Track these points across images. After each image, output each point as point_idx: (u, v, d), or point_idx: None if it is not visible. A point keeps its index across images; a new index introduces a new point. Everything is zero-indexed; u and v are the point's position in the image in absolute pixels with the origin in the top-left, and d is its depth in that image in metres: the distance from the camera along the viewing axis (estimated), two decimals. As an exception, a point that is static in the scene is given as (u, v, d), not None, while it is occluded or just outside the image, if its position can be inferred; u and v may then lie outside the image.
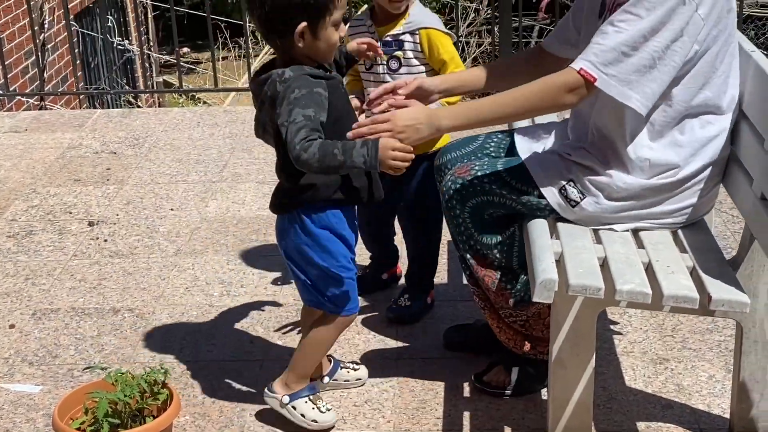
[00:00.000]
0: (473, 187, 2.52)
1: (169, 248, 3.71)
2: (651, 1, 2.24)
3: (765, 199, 2.24)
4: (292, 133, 2.25)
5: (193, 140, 4.80)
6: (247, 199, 4.11)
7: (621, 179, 2.41)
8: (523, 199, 2.50)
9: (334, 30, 2.34)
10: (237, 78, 10.20)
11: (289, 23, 2.29)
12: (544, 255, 2.34)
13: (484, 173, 2.52)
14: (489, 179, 2.52)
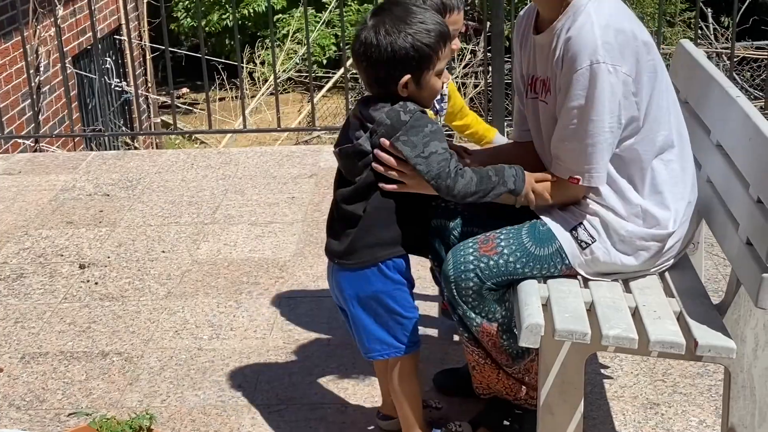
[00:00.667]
0: (498, 268, 2.42)
1: (160, 291, 3.70)
2: (581, 84, 2.26)
3: (750, 244, 2.24)
4: (441, 164, 2.30)
5: (187, 182, 4.81)
6: (239, 241, 4.10)
7: (623, 227, 2.40)
8: (545, 268, 2.45)
9: (437, 79, 2.36)
10: (234, 119, 10.23)
11: (393, 76, 2.31)
12: (530, 300, 2.33)
13: (511, 251, 2.43)
14: (516, 258, 2.43)
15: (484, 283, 2.42)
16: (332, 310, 3.47)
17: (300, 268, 3.83)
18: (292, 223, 4.25)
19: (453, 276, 2.43)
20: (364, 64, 2.33)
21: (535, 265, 2.43)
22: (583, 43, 2.26)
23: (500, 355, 2.54)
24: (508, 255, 2.42)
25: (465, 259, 2.43)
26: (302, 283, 3.71)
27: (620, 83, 2.27)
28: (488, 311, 2.46)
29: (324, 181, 4.71)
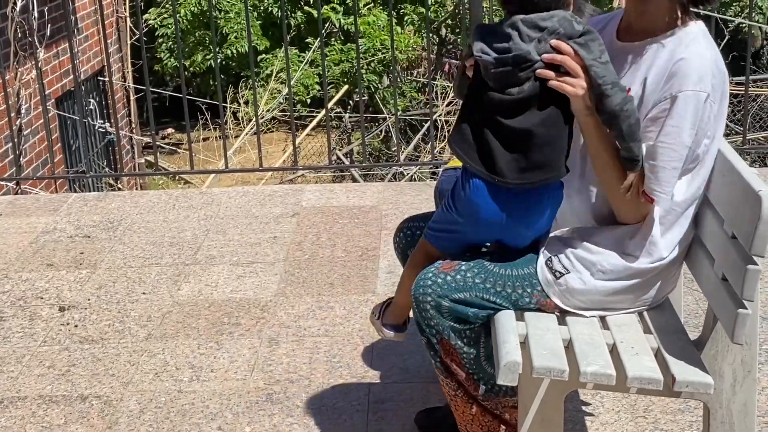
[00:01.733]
0: (456, 282, 2.45)
1: (140, 333, 3.68)
2: (683, 108, 2.29)
3: (726, 280, 2.25)
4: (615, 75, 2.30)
5: (168, 222, 4.80)
6: (220, 282, 4.09)
7: (607, 260, 2.41)
8: (509, 286, 2.45)
9: None
10: (218, 159, 10.23)
11: None
12: (508, 337, 2.33)
13: (469, 266, 2.46)
14: (474, 273, 2.46)
15: (442, 300, 2.44)
16: (313, 350, 3.47)
17: (281, 308, 3.82)
18: (273, 263, 4.25)
19: (413, 294, 2.48)
20: None
21: (497, 282, 2.44)
22: (697, 68, 2.29)
23: (469, 383, 2.54)
24: (466, 270, 2.45)
25: (425, 275, 2.48)
26: (284, 323, 3.70)
27: (712, 119, 2.32)
28: (448, 329, 2.47)
29: (306, 221, 4.71)
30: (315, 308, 3.81)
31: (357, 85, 11.70)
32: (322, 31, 5.72)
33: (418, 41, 12.45)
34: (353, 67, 11.46)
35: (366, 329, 3.59)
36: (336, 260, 4.25)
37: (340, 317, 3.72)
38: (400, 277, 2.67)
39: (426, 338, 2.54)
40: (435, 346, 2.52)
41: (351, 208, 4.87)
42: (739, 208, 2.21)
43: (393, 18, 5.49)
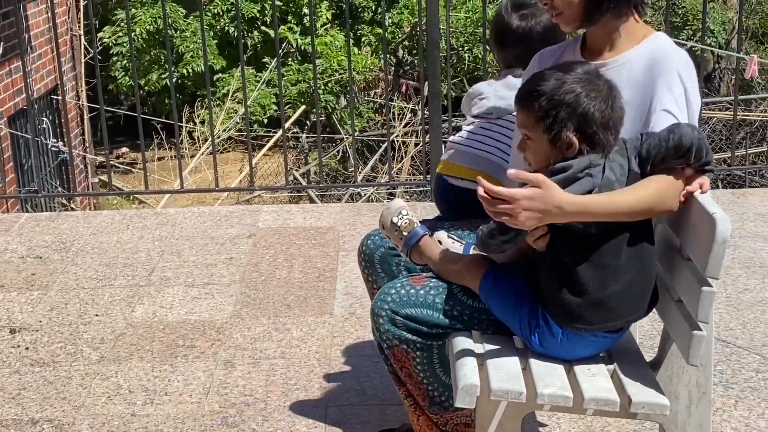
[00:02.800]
0: (418, 297, 2.47)
1: (93, 355, 3.62)
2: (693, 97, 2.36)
3: (681, 302, 2.26)
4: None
5: (122, 243, 4.75)
6: (175, 304, 4.05)
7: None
8: (468, 324, 2.47)
9: None
10: (173, 179, 10.17)
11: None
12: (466, 360, 2.32)
13: (435, 284, 2.50)
14: (437, 292, 2.48)
15: (396, 314, 2.46)
16: (270, 373, 3.43)
17: (237, 330, 3.78)
18: (229, 285, 4.21)
19: (372, 303, 2.53)
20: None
21: (456, 306, 2.45)
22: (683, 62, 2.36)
23: (418, 392, 2.55)
24: (431, 288, 2.49)
25: (391, 286, 2.53)
26: (239, 345, 3.66)
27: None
28: (400, 338, 2.48)
29: (263, 242, 4.68)
30: (271, 330, 3.78)
31: (314, 105, 11.71)
32: (279, 51, 5.71)
33: (375, 62, 12.49)
34: (310, 87, 11.46)
35: (323, 351, 3.57)
36: (293, 281, 4.22)
37: (297, 339, 3.69)
38: (357, 298, 2.66)
39: (377, 343, 2.55)
40: (385, 351, 2.53)
41: (308, 229, 4.85)
42: (694, 231, 2.22)
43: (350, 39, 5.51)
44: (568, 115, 2.17)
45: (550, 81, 2.20)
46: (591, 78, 2.21)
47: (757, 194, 5.22)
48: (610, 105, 2.20)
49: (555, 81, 2.19)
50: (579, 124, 2.17)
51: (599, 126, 2.18)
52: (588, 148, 2.19)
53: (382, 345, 2.53)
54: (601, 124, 2.18)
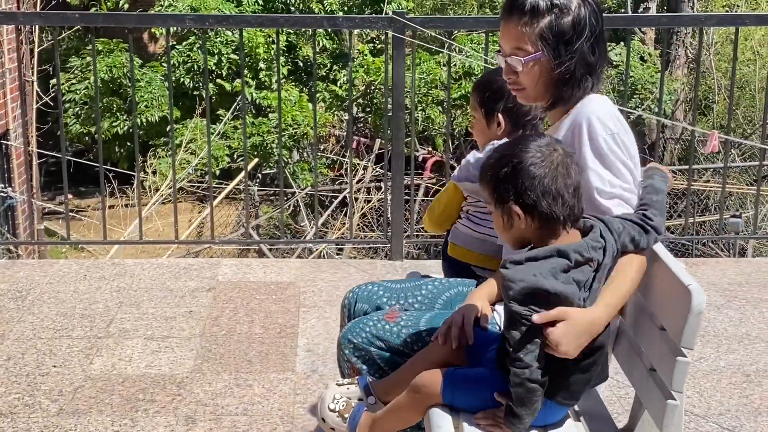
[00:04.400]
0: (390, 333, 2.65)
1: (51, 407, 3.57)
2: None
3: (654, 370, 2.31)
4: None
5: (79, 293, 4.69)
6: (134, 356, 4.01)
7: None
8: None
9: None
10: (122, 227, 10.08)
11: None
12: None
13: (406, 328, 2.66)
14: (405, 331, 2.65)
15: (373, 342, 2.65)
16: (232, 429, 3.41)
17: (198, 385, 3.75)
18: (189, 338, 4.18)
19: (344, 334, 2.70)
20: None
21: (416, 342, 2.63)
22: (599, 116, 2.44)
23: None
24: (403, 326, 2.66)
25: (365, 321, 2.70)
26: (200, 400, 3.63)
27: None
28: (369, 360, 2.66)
29: (222, 295, 4.67)
30: (233, 386, 3.76)
31: (266, 158, 11.74)
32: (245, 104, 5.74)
33: (329, 118, 12.58)
34: (264, 141, 11.49)
35: (285, 408, 3.56)
36: (254, 337, 4.21)
37: (259, 396, 3.67)
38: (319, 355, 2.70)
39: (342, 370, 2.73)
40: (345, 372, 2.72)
41: (268, 284, 4.84)
42: (668, 301, 2.28)
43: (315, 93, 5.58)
44: (516, 188, 2.23)
45: (498, 155, 2.29)
46: (549, 148, 2.25)
47: (708, 264, 5.34)
48: (563, 175, 2.23)
49: (504, 155, 2.27)
50: (521, 196, 2.22)
51: (548, 197, 2.21)
52: (541, 220, 2.23)
53: (343, 366, 2.70)
54: (548, 193, 2.21)
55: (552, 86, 2.50)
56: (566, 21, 2.44)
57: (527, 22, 2.44)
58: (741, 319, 4.43)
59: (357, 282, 4.83)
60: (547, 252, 2.20)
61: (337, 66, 12.79)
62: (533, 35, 2.44)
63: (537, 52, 2.44)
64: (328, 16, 8.91)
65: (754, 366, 3.96)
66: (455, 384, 2.34)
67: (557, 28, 2.43)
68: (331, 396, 2.56)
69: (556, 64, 2.45)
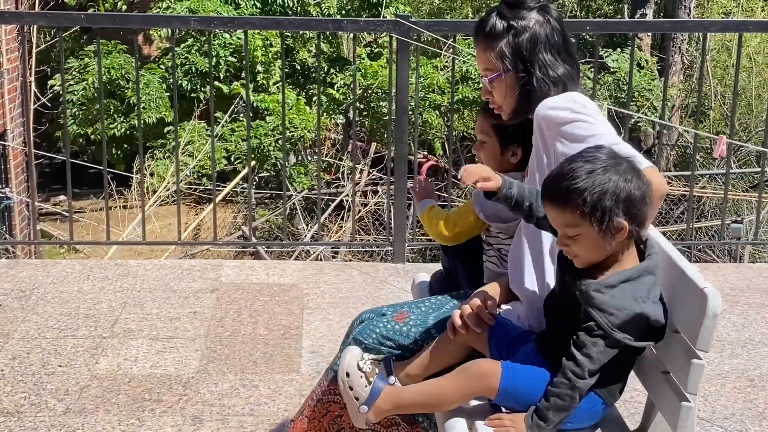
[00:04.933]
0: (400, 333, 2.69)
1: (58, 407, 3.57)
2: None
3: (667, 373, 2.33)
4: None
5: (83, 293, 4.69)
6: (140, 356, 4.01)
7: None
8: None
9: None
10: (119, 229, 10.06)
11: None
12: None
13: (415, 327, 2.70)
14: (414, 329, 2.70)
15: (384, 342, 2.67)
16: (239, 429, 3.42)
17: (204, 385, 3.76)
18: (194, 339, 4.19)
19: (356, 334, 2.71)
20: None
21: (426, 339, 2.66)
22: (555, 102, 2.53)
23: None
24: (412, 326, 2.70)
25: (376, 323, 2.73)
26: (207, 401, 3.64)
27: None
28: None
29: (226, 296, 4.67)
30: (239, 386, 3.76)
31: (264, 161, 11.74)
32: (249, 105, 5.75)
33: (326, 121, 12.59)
34: (261, 144, 11.49)
35: (292, 409, 3.57)
36: (258, 338, 4.22)
37: (264, 396, 3.68)
38: (324, 357, 2.67)
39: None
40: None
41: (271, 286, 4.85)
42: (683, 305, 2.29)
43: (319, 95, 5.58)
44: (614, 202, 2.20)
45: (581, 175, 2.21)
46: (616, 160, 2.24)
47: (710, 269, 5.37)
48: (641, 181, 2.24)
49: (587, 174, 2.21)
50: (626, 208, 2.20)
51: (640, 204, 2.22)
52: (636, 228, 2.23)
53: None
54: (640, 201, 2.22)
55: (521, 99, 2.62)
56: (523, 39, 2.60)
57: (488, 45, 2.63)
58: (744, 324, 4.45)
59: (359, 284, 4.85)
60: (638, 272, 2.23)
61: (334, 69, 12.79)
62: (494, 55, 2.61)
63: (499, 71, 2.61)
64: (332, 19, 8.91)
65: (757, 371, 3.98)
66: (516, 379, 2.31)
67: (514, 47, 2.60)
68: (360, 355, 2.54)
69: (519, 77, 2.60)
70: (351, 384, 2.47)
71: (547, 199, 2.27)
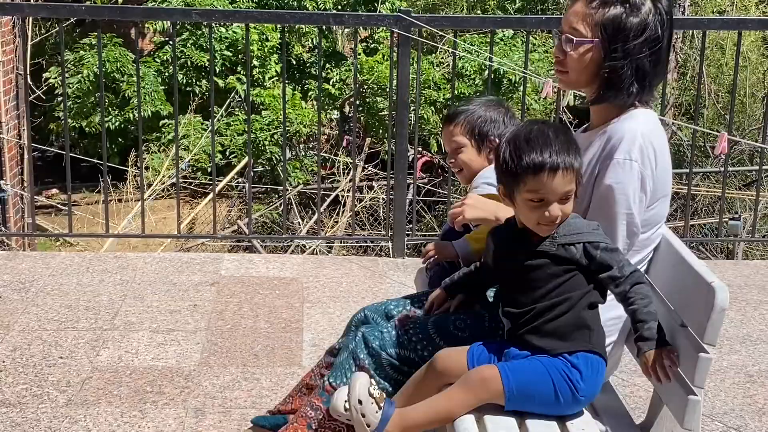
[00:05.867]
0: (399, 339, 2.66)
1: (60, 398, 3.57)
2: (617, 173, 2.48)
3: (675, 366, 2.34)
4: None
5: (83, 286, 4.69)
6: (141, 349, 4.01)
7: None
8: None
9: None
10: (115, 222, 10.05)
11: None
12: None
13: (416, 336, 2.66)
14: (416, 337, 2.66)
15: (382, 351, 2.64)
16: (241, 422, 3.42)
17: (206, 378, 3.76)
18: (195, 332, 4.19)
19: (365, 334, 2.69)
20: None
21: (427, 347, 2.62)
22: (628, 139, 2.41)
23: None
24: (413, 334, 2.66)
25: (381, 328, 2.71)
26: (209, 393, 3.64)
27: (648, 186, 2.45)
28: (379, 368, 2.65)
29: (226, 290, 4.68)
30: (240, 379, 3.77)
31: (259, 156, 11.72)
32: (249, 98, 5.74)
33: (321, 116, 12.57)
34: (256, 138, 11.47)
35: (294, 402, 3.57)
36: (259, 331, 4.22)
37: (266, 389, 3.69)
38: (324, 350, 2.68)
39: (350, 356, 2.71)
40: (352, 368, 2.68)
41: (271, 279, 4.85)
42: (691, 299, 2.31)
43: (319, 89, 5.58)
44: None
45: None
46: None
47: (707, 266, 5.38)
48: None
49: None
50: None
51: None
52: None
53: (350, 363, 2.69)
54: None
55: (597, 81, 2.48)
56: (632, 20, 2.41)
57: (596, 5, 2.42)
58: (742, 321, 4.47)
59: (359, 278, 4.86)
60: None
61: (330, 65, 12.78)
62: (595, 20, 2.42)
63: (592, 38, 2.43)
64: (334, 13, 8.87)
65: (756, 367, 4.00)
66: (517, 377, 2.32)
67: (621, 24, 2.41)
68: (369, 381, 2.47)
69: (608, 58, 2.43)
70: (363, 411, 2.41)
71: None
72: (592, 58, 2.45)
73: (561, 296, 2.32)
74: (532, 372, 2.33)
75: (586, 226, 2.35)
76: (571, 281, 2.32)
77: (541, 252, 2.33)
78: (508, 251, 2.41)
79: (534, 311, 2.34)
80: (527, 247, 2.36)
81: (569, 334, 2.33)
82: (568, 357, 2.33)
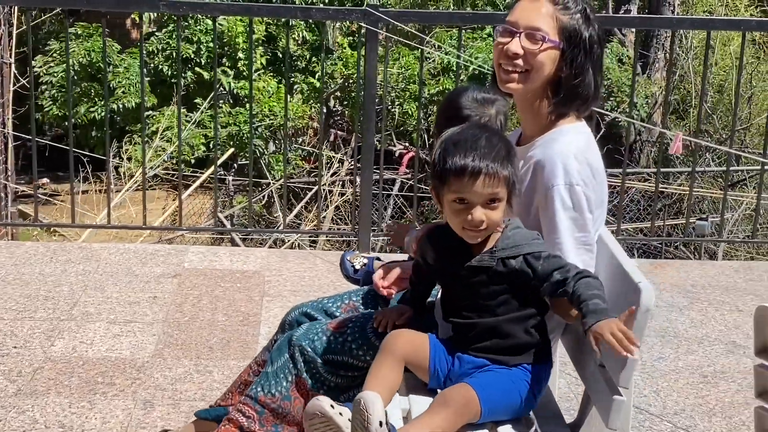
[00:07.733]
0: (335, 345, 2.62)
1: (9, 388, 3.56)
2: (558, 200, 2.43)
3: (603, 366, 2.34)
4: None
5: (44, 276, 4.68)
6: (96, 340, 4.01)
7: None
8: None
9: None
10: (96, 213, 10.03)
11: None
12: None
13: (355, 342, 2.63)
14: (353, 342, 2.64)
15: (317, 357, 2.60)
16: (189, 415, 3.41)
17: (158, 370, 3.76)
18: (152, 323, 4.18)
19: (296, 339, 2.63)
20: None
21: (368, 352, 2.59)
22: (561, 161, 2.37)
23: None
24: (349, 338, 2.62)
25: (313, 330, 2.65)
26: (160, 385, 3.64)
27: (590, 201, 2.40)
28: (315, 375, 2.61)
29: (188, 282, 4.67)
30: (193, 372, 3.76)
31: (243, 148, 11.71)
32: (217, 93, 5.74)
33: (306, 110, 12.56)
34: (240, 131, 11.45)
35: (244, 396, 3.56)
36: (216, 324, 4.21)
37: (218, 382, 3.68)
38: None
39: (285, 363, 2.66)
40: (287, 376, 2.63)
41: (234, 272, 4.85)
42: (619, 298, 2.30)
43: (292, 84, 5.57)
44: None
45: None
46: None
47: (673, 265, 5.39)
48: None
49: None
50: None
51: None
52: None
53: (288, 373, 2.64)
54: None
55: (547, 88, 2.44)
56: (590, 31, 2.41)
57: (560, 8, 2.39)
58: (702, 321, 4.47)
59: (322, 272, 4.85)
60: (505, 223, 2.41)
61: (316, 58, 12.76)
62: (560, 23, 2.38)
63: (558, 41, 2.39)
64: (302, 7, 8.85)
65: (711, 367, 4.00)
66: (491, 394, 2.31)
67: (580, 34, 2.39)
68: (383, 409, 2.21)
69: (567, 65, 2.41)
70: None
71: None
72: (552, 63, 2.41)
73: (507, 315, 2.33)
74: (502, 390, 2.34)
75: (526, 237, 2.34)
76: (515, 299, 2.32)
77: (481, 268, 2.32)
78: (450, 257, 2.38)
79: (482, 328, 2.34)
80: (467, 258, 2.34)
81: (523, 347, 2.36)
82: (526, 366, 2.36)
